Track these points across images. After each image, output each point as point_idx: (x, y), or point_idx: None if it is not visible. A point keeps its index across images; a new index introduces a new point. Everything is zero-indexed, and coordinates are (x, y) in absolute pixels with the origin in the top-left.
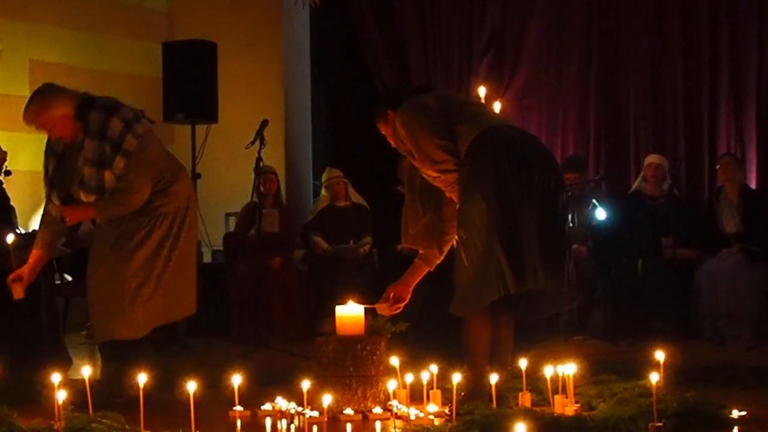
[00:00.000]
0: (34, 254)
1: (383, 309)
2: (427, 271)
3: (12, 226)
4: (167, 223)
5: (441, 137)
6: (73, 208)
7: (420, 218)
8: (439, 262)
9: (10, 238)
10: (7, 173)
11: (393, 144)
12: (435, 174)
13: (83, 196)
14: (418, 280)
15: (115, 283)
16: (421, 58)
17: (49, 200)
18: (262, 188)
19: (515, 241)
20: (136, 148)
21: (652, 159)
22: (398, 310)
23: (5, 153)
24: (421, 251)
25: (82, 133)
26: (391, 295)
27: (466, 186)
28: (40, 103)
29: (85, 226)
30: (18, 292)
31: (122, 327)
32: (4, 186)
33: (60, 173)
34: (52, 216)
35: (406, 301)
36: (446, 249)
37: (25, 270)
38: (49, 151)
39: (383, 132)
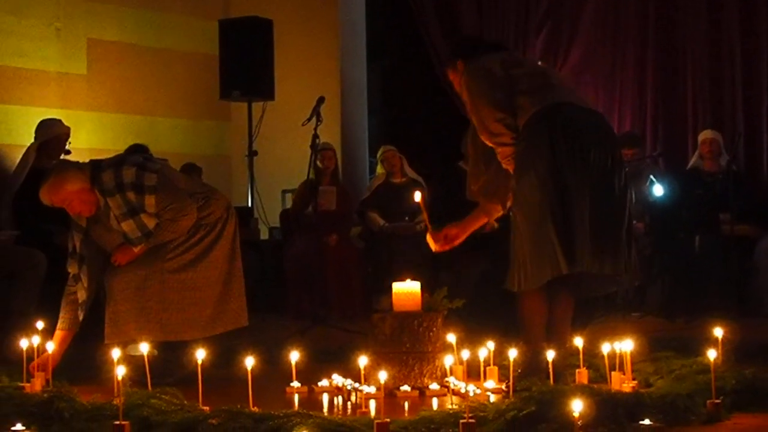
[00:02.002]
0: (59, 335)
1: (432, 242)
2: (485, 221)
3: None
4: (203, 231)
5: (501, 110)
6: (121, 250)
7: (482, 174)
8: (499, 215)
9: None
10: (67, 152)
11: (457, 89)
12: (491, 145)
13: (135, 250)
14: (475, 228)
15: (148, 282)
16: (477, 33)
17: (77, 279)
18: (320, 165)
19: (568, 222)
20: (158, 182)
21: (706, 135)
22: (444, 249)
23: (69, 128)
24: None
25: (102, 196)
26: (444, 234)
27: (521, 164)
28: (55, 180)
29: None
30: (36, 384)
31: (150, 327)
32: None
33: (89, 246)
34: (75, 295)
35: (456, 243)
36: (509, 204)
37: (49, 357)
38: (74, 228)
39: (450, 78)
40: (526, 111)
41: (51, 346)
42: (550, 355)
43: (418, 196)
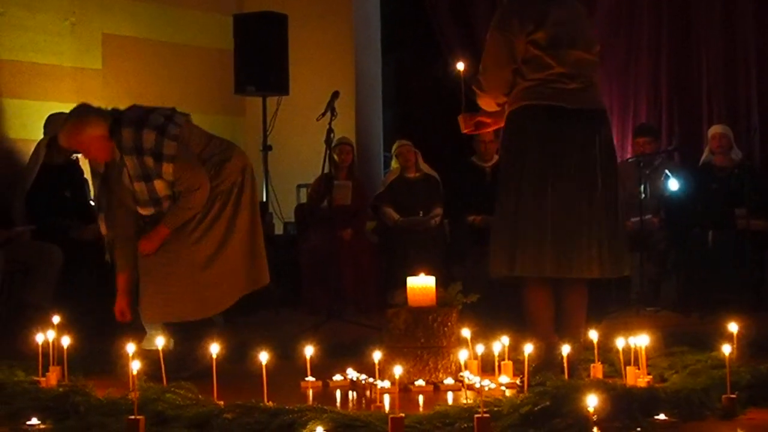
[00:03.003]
0: (121, 279)
1: (462, 123)
2: None
3: (86, 198)
4: (220, 201)
5: (501, 85)
6: (147, 237)
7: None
8: None
9: None
10: None
11: None
12: (474, 88)
13: (140, 210)
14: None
15: (177, 266)
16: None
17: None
18: (336, 159)
19: (521, 227)
20: (177, 150)
21: (716, 129)
22: (472, 133)
23: None
24: None
25: (118, 151)
26: (476, 121)
27: (500, 158)
28: (75, 123)
29: None
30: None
31: (190, 308)
32: (79, 161)
33: (106, 193)
34: (121, 235)
35: (483, 131)
36: None
37: (123, 301)
38: (92, 173)
39: None
40: (516, 99)
41: (66, 341)
42: (565, 349)
43: (461, 66)
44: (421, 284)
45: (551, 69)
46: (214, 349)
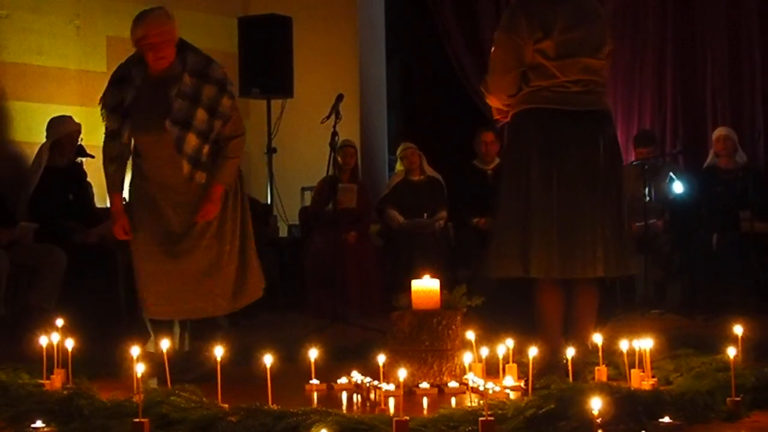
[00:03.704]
0: (117, 199)
1: (495, 110)
2: None
3: (89, 201)
4: (232, 196)
5: (507, 88)
6: (206, 198)
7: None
8: None
9: None
10: (80, 149)
11: None
12: (483, 89)
13: (168, 126)
14: None
15: (215, 267)
16: (495, 29)
17: (117, 134)
18: (340, 161)
19: (528, 229)
20: (234, 94)
21: (720, 132)
22: (502, 120)
23: (79, 125)
24: None
25: (180, 66)
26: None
27: (504, 164)
28: (164, 14)
29: None
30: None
31: (225, 303)
32: (82, 164)
33: (138, 103)
34: (115, 152)
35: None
36: None
37: (124, 219)
38: (128, 81)
39: None
40: (519, 102)
41: (70, 343)
42: (570, 352)
43: None
44: (426, 287)
45: (556, 79)
46: (219, 351)
